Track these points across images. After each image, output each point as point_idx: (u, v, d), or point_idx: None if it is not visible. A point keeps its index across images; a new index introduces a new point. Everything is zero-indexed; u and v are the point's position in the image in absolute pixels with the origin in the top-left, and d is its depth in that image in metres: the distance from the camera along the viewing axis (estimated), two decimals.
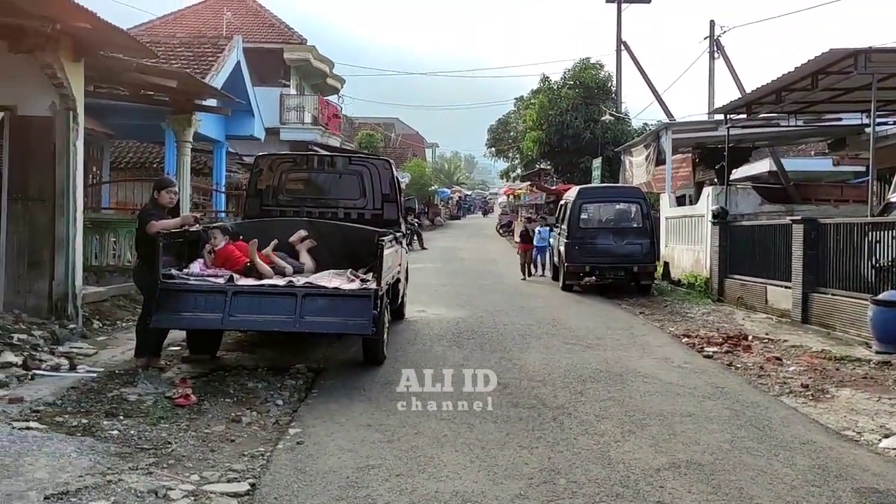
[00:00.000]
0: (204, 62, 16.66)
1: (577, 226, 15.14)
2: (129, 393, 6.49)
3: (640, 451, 5.39)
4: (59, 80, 8.40)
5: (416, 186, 46.06)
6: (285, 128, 27.64)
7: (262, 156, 10.25)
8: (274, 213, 9.75)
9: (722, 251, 14.53)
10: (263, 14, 30.55)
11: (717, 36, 26.14)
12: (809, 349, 9.29)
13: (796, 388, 7.48)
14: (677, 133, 19.46)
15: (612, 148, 29.97)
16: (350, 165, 10.16)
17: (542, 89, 36.39)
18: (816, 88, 11.53)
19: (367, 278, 7.70)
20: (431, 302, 12.96)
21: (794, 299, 11.52)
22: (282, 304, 7.02)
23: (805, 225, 11.33)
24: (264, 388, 6.95)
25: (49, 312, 8.65)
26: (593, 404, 6.65)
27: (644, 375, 7.82)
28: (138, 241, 7.44)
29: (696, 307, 13.34)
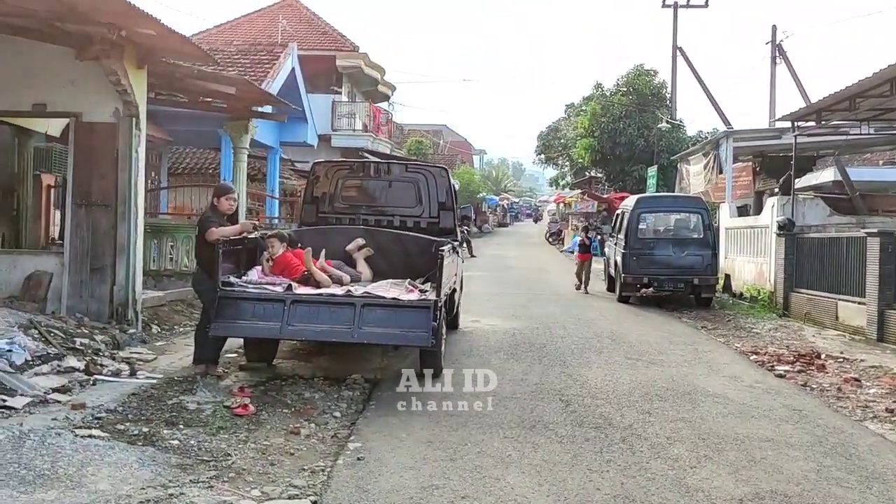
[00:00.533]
0: (260, 69, 16.84)
1: (635, 236, 14.76)
2: (189, 401, 6.44)
3: (719, 478, 5.09)
4: (122, 87, 8.47)
5: (465, 193, 45.93)
6: (337, 134, 27.79)
7: (318, 163, 10.20)
8: (330, 220, 9.67)
9: (788, 264, 13.99)
10: (316, 21, 30.84)
11: (780, 41, 25.49)
12: (890, 370, 8.79)
13: (880, 412, 7.05)
14: (738, 141, 18.93)
15: (667, 156, 29.39)
16: (406, 173, 10.04)
17: (595, 96, 35.96)
18: (895, 95, 11.01)
19: (426, 289, 7.54)
20: (484, 312, 12.75)
21: (869, 316, 10.98)
22: (340, 313, 6.90)
23: (882, 238, 10.81)
24: (321, 398, 6.83)
25: (110, 317, 8.72)
26: (663, 425, 6.34)
27: (714, 395, 7.47)
28: (198, 247, 7.41)
29: (760, 322, 12.84)
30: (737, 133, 19.24)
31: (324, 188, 9.75)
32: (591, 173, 41.18)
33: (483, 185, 57.99)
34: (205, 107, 12.45)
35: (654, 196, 18.94)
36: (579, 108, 42.87)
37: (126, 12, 6.88)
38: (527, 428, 6.14)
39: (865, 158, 27.41)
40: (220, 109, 12.75)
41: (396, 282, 7.82)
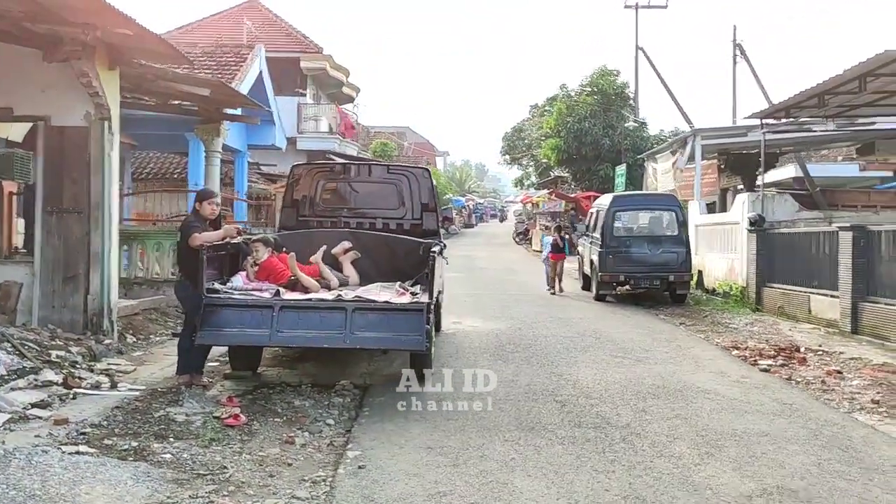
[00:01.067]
0: (227, 71, 16.52)
1: (611, 234, 14.82)
2: (176, 413, 6.22)
3: (725, 475, 5.09)
4: (94, 89, 8.19)
5: None
6: (302, 137, 27.48)
7: (298, 165, 10.02)
8: (311, 223, 9.50)
9: (759, 259, 14.19)
10: (280, 23, 30.48)
11: (740, 40, 25.96)
12: (870, 361, 8.94)
13: (867, 403, 7.15)
14: (705, 139, 19.15)
15: (632, 155, 29.71)
16: (388, 174, 9.92)
17: (560, 96, 36.20)
18: (864, 91, 11.21)
19: (417, 291, 7.43)
20: (464, 313, 12.68)
21: (843, 309, 11.17)
22: (331, 318, 6.75)
23: (854, 232, 11.00)
24: (312, 406, 6.67)
25: (84, 327, 8.42)
26: (660, 423, 6.33)
27: (704, 391, 7.50)
28: (180, 254, 7.18)
29: (736, 317, 12.98)
30: (704, 131, 19.49)
31: (304, 191, 9.57)
32: (556, 173, 41.45)
33: (448, 187, 57.95)
34: (174, 109, 12.14)
35: (628, 194, 19.05)
36: (543, 108, 43.20)
37: (102, 12, 6.63)
38: (526, 430, 6.08)
39: (823, 155, 28.08)
40: (191, 112, 12.45)
41: (386, 285, 7.69)
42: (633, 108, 32.47)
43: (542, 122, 37.97)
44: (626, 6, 31.65)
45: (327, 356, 8.51)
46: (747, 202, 15.12)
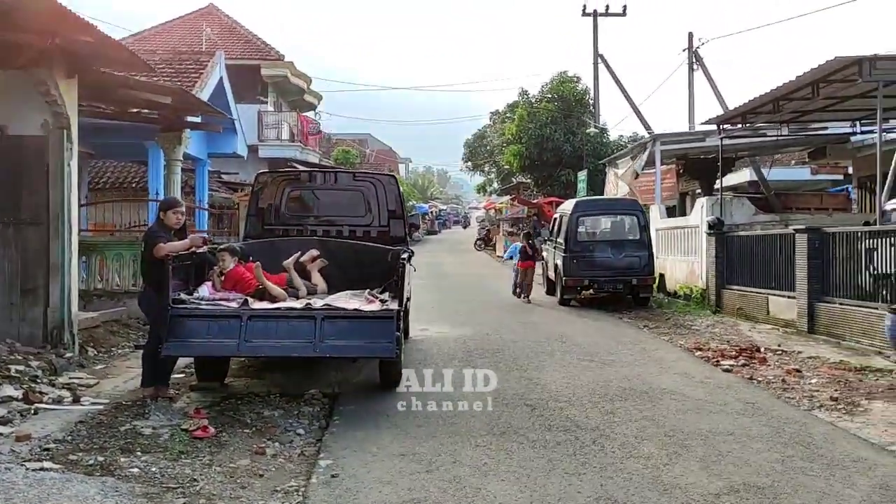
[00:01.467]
0: (186, 78, 16.29)
1: (574, 239, 14.99)
2: (143, 426, 6.12)
3: (693, 474, 5.18)
4: (52, 98, 8.02)
5: None
6: (264, 145, 27.22)
7: (263, 173, 9.98)
8: (276, 231, 9.43)
9: (719, 262, 14.47)
10: (239, 30, 30.20)
11: (696, 48, 26.43)
12: (827, 360, 9.18)
13: (826, 401, 7.34)
14: (664, 144, 19.50)
15: (593, 160, 30.06)
16: (354, 181, 9.91)
17: (521, 103, 36.48)
18: (817, 97, 11.55)
19: (386, 299, 7.43)
20: (431, 320, 12.68)
21: (800, 309, 11.45)
22: (300, 327, 6.70)
23: (809, 234, 11.29)
24: (281, 416, 6.62)
25: (44, 341, 8.22)
26: (628, 424, 6.43)
27: (670, 392, 7.63)
28: (145, 264, 7.07)
29: (697, 319, 13.23)
30: (664, 136, 19.83)
31: (269, 199, 9.50)
32: (518, 179, 41.73)
33: (411, 194, 57.97)
34: (134, 118, 11.94)
35: (591, 199, 19.29)
36: (504, 115, 43.45)
37: (61, 19, 6.51)
38: (497, 435, 6.11)
39: (777, 159, 28.78)
40: (152, 120, 12.26)
41: (355, 293, 7.67)
42: (594, 115, 32.85)
43: (504, 129, 38.21)
44: (583, 14, 31.95)
45: (295, 365, 8.45)
46: (706, 206, 15.44)
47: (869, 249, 10.33)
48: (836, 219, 15.06)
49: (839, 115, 14.68)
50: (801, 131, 17.53)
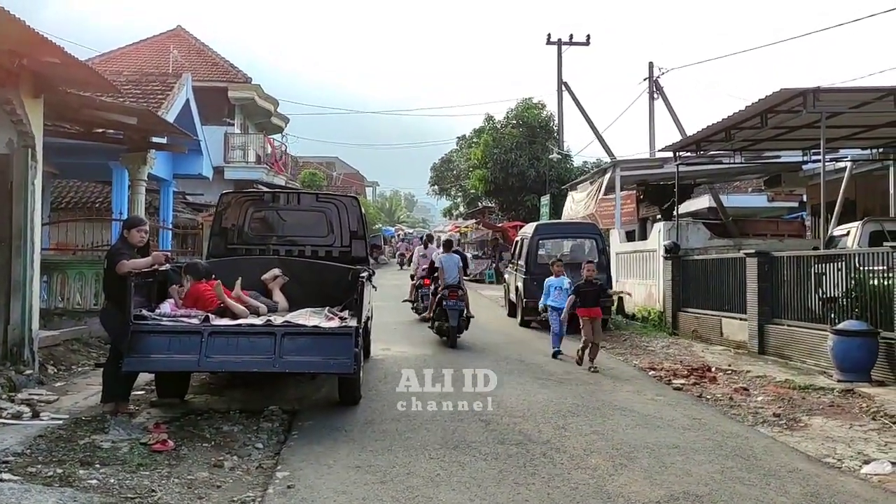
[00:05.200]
0: (153, 100, 16.40)
1: (535, 261, 15.29)
2: (102, 440, 6.20)
3: (636, 483, 5.43)
4: (18, 117, 8.11)
5: None
6: (230, 167, 27.24)
7: (227, 193, 10.11)
8: (239, 251, 9.58)
9: (675, 285, 14.89)
10: (207, 53, 30.31)
11: (657, 77, 27.23)
12: (773, 379, 9.55)
13: (769, 417, 7.68)
14: (624, 170, 20.02)
15: (557, 185, 30.63)
16: (317, 202, 10.11)
17: (487, 128, 37.05)
18: (766, 126, 12.07)
19: (346, 316, 7.61)
20: (393, 340, 12.84)
21: (751, 331, 11.86)
22: (260, 343, 6.85)
23: (759, 258, 11.73)
24: (241, 431, 6.74)
25: (4, 358, 8.22)
26: (579, 438, 6.67)
27: (621, 408, 7.90)
28: (107, 281, 7.17)
29: (654, 340, 13.59)
30: (624, 162, 20.38)
31: (232, 219, 9.65)
32: (484, 203, 42.20)
33: (378, 217, 58.20)
34: (99, 138, 12.02)
35: (551, 223, 19.67)
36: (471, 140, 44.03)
37: (28, 40, 6.65)
38: (451, 448, 6.30)
39: (735, 186, 29.64)
40: (117, 141, 12.34)
41: (315, 310, 7.83)
42: (558, 141, 33.54)
43: (470, 154, 38.74)
44: (548, 42, 32.69)
45: (255, 382, 8.57)
46: (663, 230, 15.90)
47: (818, 273, 10.78)
48: (787, 244, 15.61)
49: (790, 144, 15.27)
50: (755, 159, 18.13)
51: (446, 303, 12.44)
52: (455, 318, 12.28)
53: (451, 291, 12.50)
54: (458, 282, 12.94)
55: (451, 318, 12.28)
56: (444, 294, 12.53)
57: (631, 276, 17.77)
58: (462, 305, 12.55)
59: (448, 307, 12.37)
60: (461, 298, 12.57)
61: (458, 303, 12.43)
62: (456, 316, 12.32)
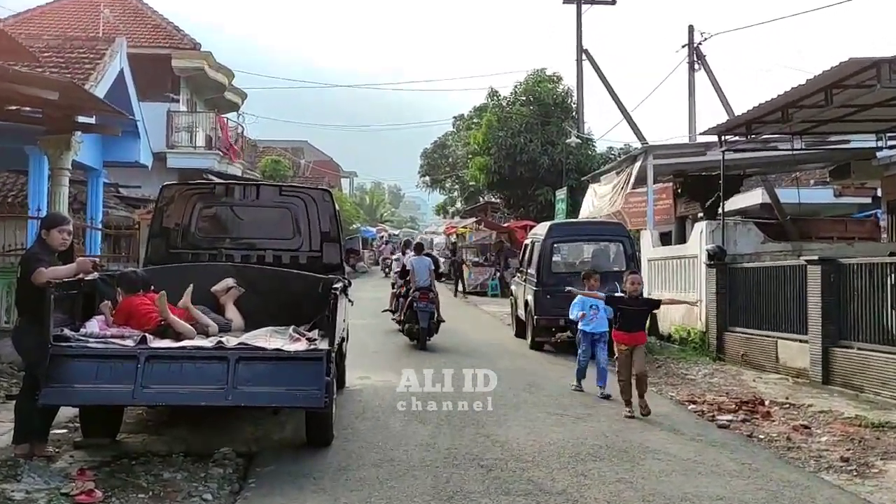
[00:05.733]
0: (79, 70, 16.37)
1: (548, 270, 15.31)
2: (14, 490, 6.20)
3: None
4: None
5: None
6: (173, 153, 27.20)
7: (169, 185, 10.11)
8: (185, 256, 9.58)
9: (720, 299, 14.91)
10: (145, 13, 30.29)
11: (698, 44, 27.28)
12: (840, 415, 9.58)
13: (835, 462, 7.70)
14: (658, 158, 19.98)
15: (576, 176, 30.62)
16: (280, 197, 10.13)
17: (490, 106, 37.10)
18: (831, 105, 12.07)
19: (315, 337, 7.61)
20: (373, 366, 12.87)
21: (813, 356, 11.88)
22: (209, 370, 6.85)
23: (823, 266, 11.74)
24: (185, 478, 6.75)
25: None
26: (601, 488, 6.68)
27: (654, 451, 7.92)
28: (20, 292, 7.15)
29: (694, 367, 13.63)
30: (657, 148, 20.35)
31: (176, 217, 9.66)
32: (486, 198, 42.28)
33: (356, 214, 58.29)
34: (12, 117, 11.97)
35: (568, 223, 19.70)
36: (470, 120, 44.13)
37: None
38: (444, 500, 6.33)
39: (794, 178, 29.74)
40: (34, 121, 12.31)
41: (278, 329, 7.84)
42: (577, 121, 33.57)
43: (469, 137, 38.78)
44: (565, 1, 32.69)
45: (204, 418, 8.57)
46: (706, 232, 15.92)
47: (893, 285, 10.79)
48: (858, 248, 15.64)
49: (861, 126, 15.28)
50: (818, 145, 18.16)
51: (417, 304, 15.15)
52: (425, 320, 15.07)
53: (422, 294, 15.23)
54: (429, 284, 15.66)
55: (422, 319, 15.02)
56: (416, 296, 15.23)
57: (667, 287, 17.80)
58: (433, 308, 15.31)
59: (419, 309, 15.09)
60: (432, 301, 15.31)
61: (428, 305, 15.17)
62: (426, 318, 15.11)
